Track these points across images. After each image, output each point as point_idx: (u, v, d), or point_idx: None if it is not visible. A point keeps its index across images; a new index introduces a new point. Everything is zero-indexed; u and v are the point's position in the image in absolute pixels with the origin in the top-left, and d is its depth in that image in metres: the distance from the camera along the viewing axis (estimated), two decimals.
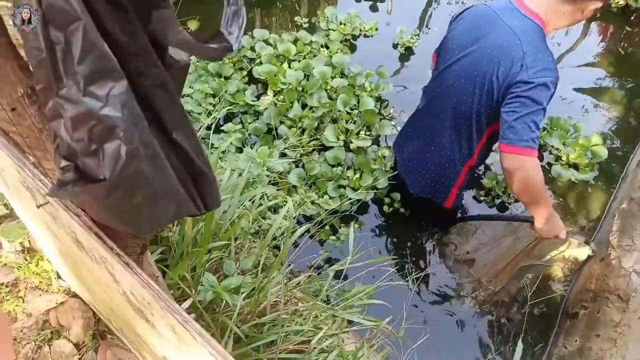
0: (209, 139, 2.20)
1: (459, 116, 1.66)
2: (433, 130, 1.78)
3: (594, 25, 3.10)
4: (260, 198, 1.69)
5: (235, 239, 1.30)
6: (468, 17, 1.65)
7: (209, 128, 2.26)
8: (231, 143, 2.11)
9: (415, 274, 1.85)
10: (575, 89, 2.70)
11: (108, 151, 0.46)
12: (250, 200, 1.51)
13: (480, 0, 3.16)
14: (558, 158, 2.37)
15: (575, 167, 2.35)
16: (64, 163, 0.48)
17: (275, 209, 1.91)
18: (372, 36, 2.87)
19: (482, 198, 2.25)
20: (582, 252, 1.85)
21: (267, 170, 1.62)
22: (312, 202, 1.99)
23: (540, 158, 2.38)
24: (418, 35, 2.84)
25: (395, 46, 2.81)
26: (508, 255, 1.89)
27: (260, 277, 1.18)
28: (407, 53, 2.78)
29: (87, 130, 0.44)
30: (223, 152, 1.94)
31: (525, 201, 1.60)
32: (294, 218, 1.78)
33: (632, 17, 3.06)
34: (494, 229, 1.95)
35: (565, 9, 1.46)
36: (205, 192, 0.58)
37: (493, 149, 1.84)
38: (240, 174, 1.39)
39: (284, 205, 1.93)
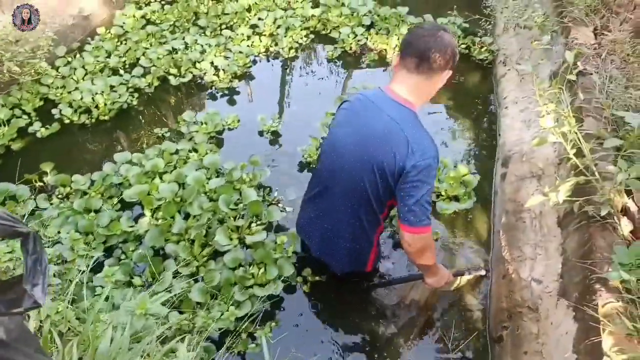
0: (91, 282, 1.99)
1: (358, 198, 1.74)
2: (336, 211, 1.82)
3: None
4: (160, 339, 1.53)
5: None
6: (349, 106, 1.75)
7: (90, 270, 2.05)
8: (114, 285, 1.91)
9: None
10: (430, 129, 2.97)
11: None
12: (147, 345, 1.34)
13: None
14: (439, 195, 2.54)
15: (456, 198, 2.53)
16: None
17: (183, 339, 1.73)
18: (236, 128, 2.92)
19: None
20: (477, 273, 2.16)
21: (151, 316, 1.47)
22: (220, 318, 1.84)
23: None
24: (279, 118, 2.95)
25: (261, 133, 2.88)
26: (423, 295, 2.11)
27: None
28: (275, 137, 2.86)
29: None
30: (106, 298, 1.74)
31: (420, 265, 1.81)
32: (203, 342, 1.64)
33: None
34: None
35: (426, 87, 1.62)
36: None
37: None
38: (123, 332, 1.23)
39: (192, 330, 1.79)
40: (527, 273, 2.00)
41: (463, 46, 3.49)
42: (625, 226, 1.66)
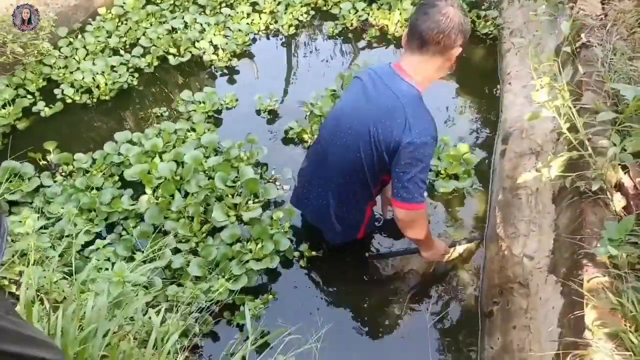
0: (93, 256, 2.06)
1: (353, 169, 1.77)
2: (331, 182, 1.88)
3: None
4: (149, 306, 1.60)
5: None
6: (358, 83, 1.76)
7: (88, 244, 2.12)
8: (108, 259, 1.98)
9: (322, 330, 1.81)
10: (432, 105, 2.93)
11: None
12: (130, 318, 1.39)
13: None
14: (438, 173, 2.52)
15: (455, 176, 2.52)
16: None
17: (171, 308, 1.78)
18: (234, 107, 2.93)
19: None
20: (471, 245, 2.21)
21: (131, 285, 1.51)
22: (209, 290, 1.89)
23: None
24: (278, 97, 2.93)
25: (258, 112, 2.88)
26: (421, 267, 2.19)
27: None
28: (272, 116, 2.86)
29: None
30: (100, 269, 1.80)
31: (414, 239, 1.89)
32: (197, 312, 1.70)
33: None
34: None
35: (431, 66, 1.60)
36: None
37: None
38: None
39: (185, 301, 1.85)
40: (519, 249, 2.00)
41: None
42: (618, 202, 1.64)
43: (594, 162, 1.67)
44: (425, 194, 1.73)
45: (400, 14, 3.37)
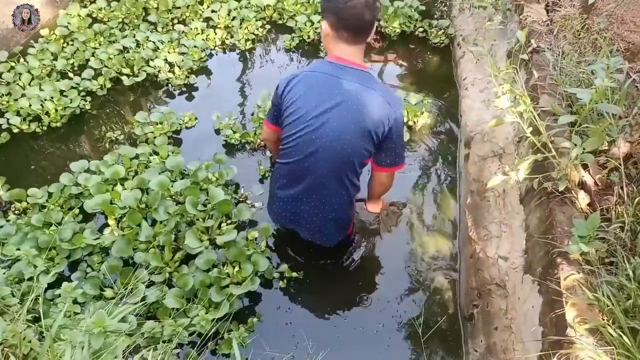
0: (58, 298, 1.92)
1: (344, 168, 1.81)
2: (322, 187, 1.85)
3: (387, 53, 3.49)
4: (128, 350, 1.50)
5: None
6: (306, 83, 1.73)
7: (50, 286, 1.98)
8: (75, 301, 1.85)
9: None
10: None
11: None
12: None
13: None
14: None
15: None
16: None
17: (155, 348, 1.70)
18: (194, 126, 2.85)
19: None
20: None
21: (113, 334, 1.41)
22: (191, 324, 1.81)
23: None
24: (236, 117, 2.87)
25: (217, 132, 2.80)
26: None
27: None
28: (234, 132, 2.78)
29: None
30: (68, 313, 1.68)
31: (380, 195, 2.11)
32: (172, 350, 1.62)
33: (410, 39, 3.54)
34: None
35: (362, 49, 1.76)
36: None
37: None
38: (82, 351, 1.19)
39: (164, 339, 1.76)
40: (493, 251, 2.06)
41: (420, 30, 3.50)
42: (583, 199, 1.72)
43: (557, 163, 1.75)
44: None
45: None
